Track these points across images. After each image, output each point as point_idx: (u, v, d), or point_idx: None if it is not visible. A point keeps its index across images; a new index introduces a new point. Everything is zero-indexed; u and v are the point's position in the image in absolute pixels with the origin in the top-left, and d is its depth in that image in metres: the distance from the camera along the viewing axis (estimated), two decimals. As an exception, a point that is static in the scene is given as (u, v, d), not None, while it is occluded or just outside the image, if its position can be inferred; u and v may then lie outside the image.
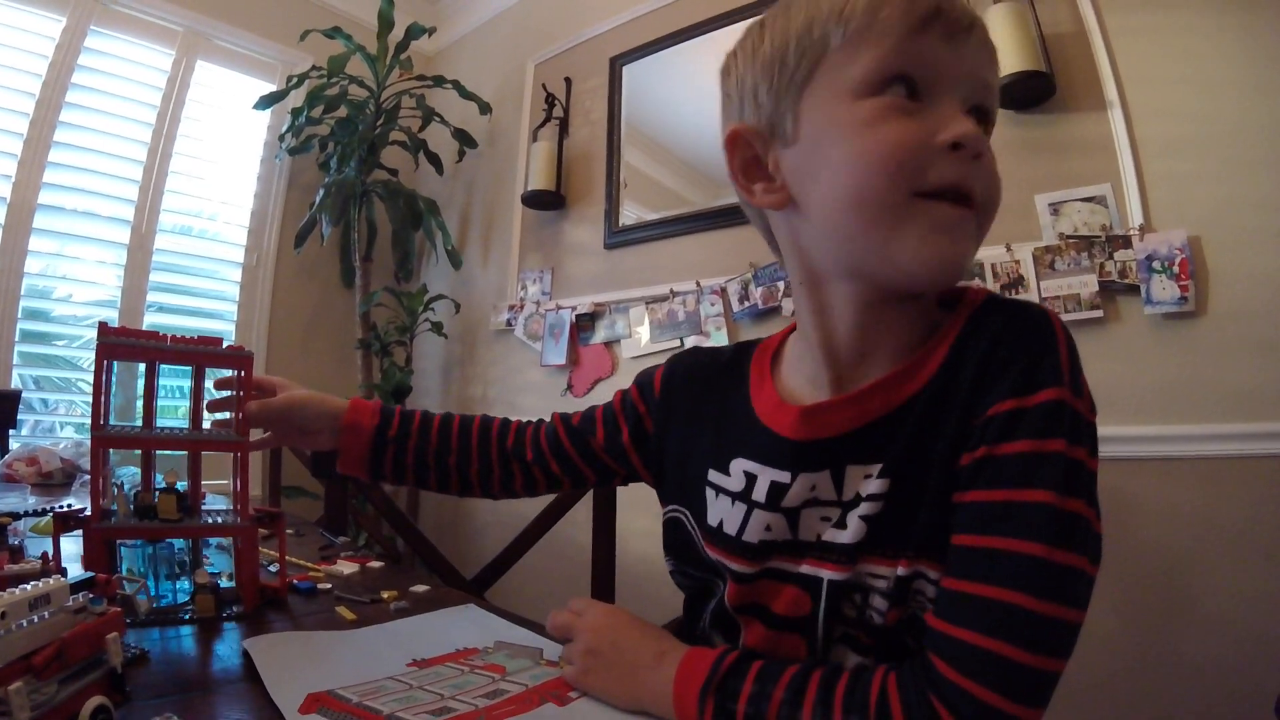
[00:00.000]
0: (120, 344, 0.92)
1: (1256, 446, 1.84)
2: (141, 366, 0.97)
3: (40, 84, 3.03)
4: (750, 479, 0.77)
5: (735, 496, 0.78)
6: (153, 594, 0.95)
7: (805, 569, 0.73)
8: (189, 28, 3.53)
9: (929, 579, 0.67)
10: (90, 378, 3.05)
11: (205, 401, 1.02)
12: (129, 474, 1.04)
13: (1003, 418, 0.63)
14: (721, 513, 0.80)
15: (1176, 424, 1.95)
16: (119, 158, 3.27)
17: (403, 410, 1.07)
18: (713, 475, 0.82)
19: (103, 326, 0.90)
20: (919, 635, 0.66)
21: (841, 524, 0.71)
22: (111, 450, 0.98)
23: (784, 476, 0.74)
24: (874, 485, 0.69)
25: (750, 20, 0.79)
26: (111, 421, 0.94)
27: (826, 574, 0.71)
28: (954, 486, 0.65)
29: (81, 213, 3.16)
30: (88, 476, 1.94)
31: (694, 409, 0.91)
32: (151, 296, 3.34)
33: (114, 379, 0.94)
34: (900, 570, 0.67)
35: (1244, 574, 1.82)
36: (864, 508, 0.69)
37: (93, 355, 2.61)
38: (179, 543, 0.96)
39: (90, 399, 0.89)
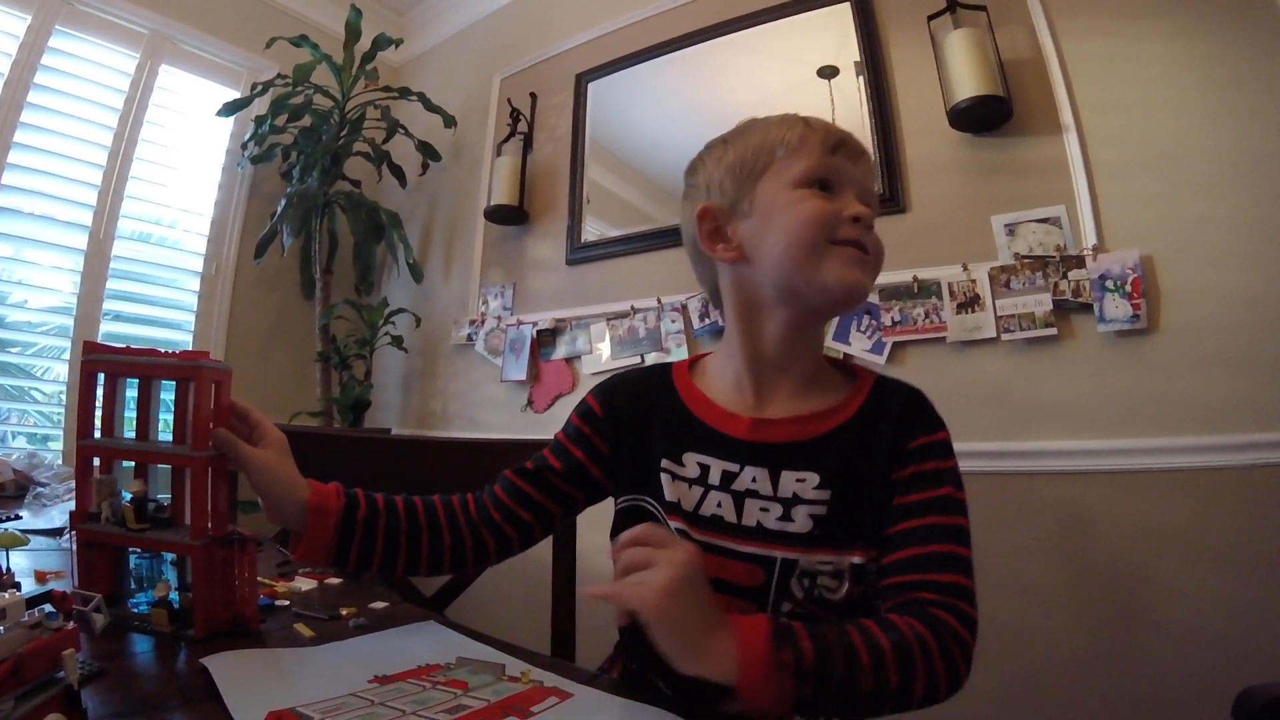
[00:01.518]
0: (101, 360, 0.98)
1: (1209, 459, 1.89)
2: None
3: (2, 83, 2.98)
4: (704, 469, 1.01)
5: (692, 482, 1.01)
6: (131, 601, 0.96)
7: (754, 549, 0.95)
8: (154, 30, 3.48)
9: (876, 563, 0.94)
10: (45, 387, 3.02)
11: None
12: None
13: (921, 447, 0.97)
14: (678, 494, 1.01)
15: (1130, 438, 2.00)
16: (79, 161, 3.20)
17: (366, 493, 1.04)
18: (666, 464, 1.03)
19: (87, 345, 0.98)
20: (871, 613, 0.91)
21: (788, 517, 0.95)
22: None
23: (734, 467, 0.99)
24: (813, 492, 0.95)
25: (714, 138, 1.13)
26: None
27: (779, 554, 0.94)
28: (889, 495, 0.95)
29: (39, 216, 3.09)
30: (40, 489, 1.93)
31: (638, 415, 1.10)
32: (108, 304, 3.26)
33: (127, 395, 1.01)
34: (856, 559, 0.94)
35: (1199, 581, 1.87)
36: (810, 507, 0.95)
37: (49, 363, 2.57)
38: (168, 555, 0.96)
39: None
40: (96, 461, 0.97)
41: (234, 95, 3.73)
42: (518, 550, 1.13)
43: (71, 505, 1.02)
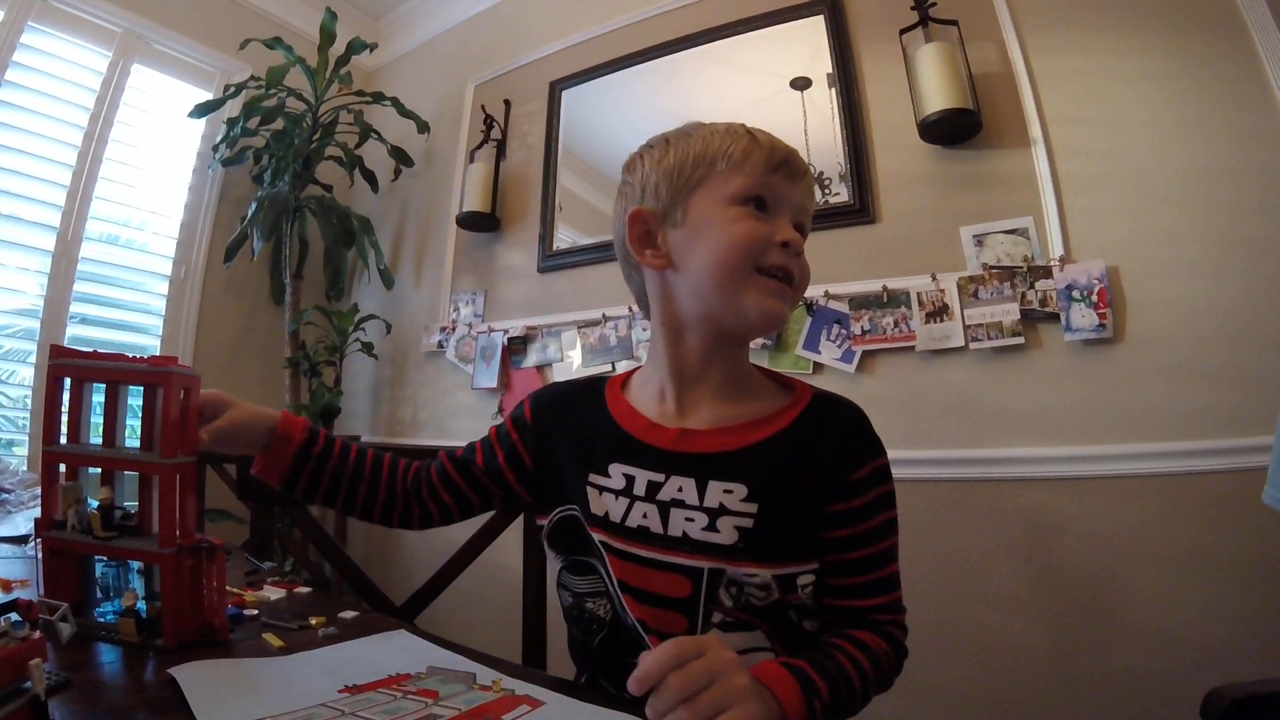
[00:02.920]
0: (68, 365, 0.97)
1: (1172, 464, 1.93)
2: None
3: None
4: (630, 479, 1.02)
5: (618, 493, 1.02)
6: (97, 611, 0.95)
7: (680, 560, 0.95)
8: (127, 29, 3.44)
9: (806, 573, 0.96)
10: (10, 391, 2.97)
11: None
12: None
13: (865, 478, 0.97)
14: (606, 505, 1.02)
15: (1096, 444, 2.03)
16: (48, 160, 3.16)
17: (326, 433, 1.17)
18: (593, 477, 1.05)
19: (54, 349, 0.97)
20: (809, 616, 0.98)
21: (713, 528, 0.95)
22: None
23: (659, 477, 1.00)
24: (740, 504, 0.95)
25: (656, 135, 1.12)
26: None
27: (705, 565, 0.94)
28: (817, 520, 0.96)
29: (6, 216, 3.04)
30: (5, 495, 1.90)
31: (565, 427, 1.13)
32: (75, 307, 3.21)
33: (94, 400, 1.00)
34: (781, 571, 0.94)
35: (1164, 583, 1.91)
36: (736, 519, 0.95)
37: (14, 367, 2.52)
38: (134, 564, 0.95)
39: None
40: (63, 468, 0.96)
41: (206, 96, 3.68)
42: (439, 524, 1.22)
43: (37, 512, 1.00)
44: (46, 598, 0.86)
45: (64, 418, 0.96)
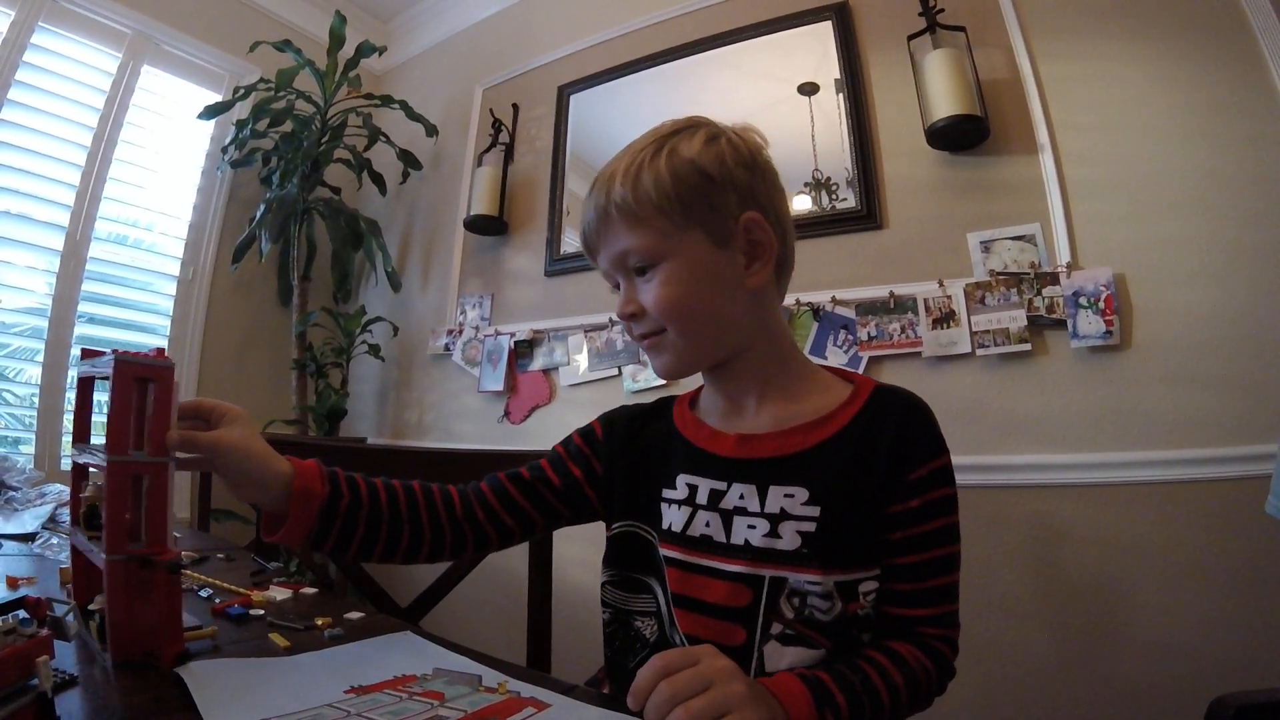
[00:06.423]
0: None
1: (1178, 472, 1.93)
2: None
3: (-19, 80, 2.93)
4: (693, 489, 1.01)
5: (681, 503, 1.01)
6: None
7: (741, 568, 0.93)
8: (138, 31, 3.45)
9: (869, 580, 0.93)
10: (17, 389, 2.98)
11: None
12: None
13: (922, 480, 0.94)
14: (671, 518, 1.01)
15: (1102, 452, 2.03)
16: (58, 160, 3.16)
17: (346, 475, 1.00)
18: (665, 492, 1.03)
19: (84, 352, 0.96)
20: (867, 630, 0.93)
21: (775, 534, 0.93)
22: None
23: (721, 485, 0.99)
24: (802, 508, 0.93)
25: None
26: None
27: (767, 573, 0.92)
28: (878, 523, 0.93)
29: (16, 215, 3.04)
30: (12, 493, 1.90)
31: (636, 445, 1.12)
32: (83, 307, 3.21)
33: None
34: (843, 578, 0.91)
35: (1169, 591, 1.90)
36: (798, 524, 0.92)
37: (21, 365, 2.52)
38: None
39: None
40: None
41: (215, 98, 3.69)
42: (494, 549, 1.13)
43: (44, 510, 1.00)
44: (75, 597, 0.85)
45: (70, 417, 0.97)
